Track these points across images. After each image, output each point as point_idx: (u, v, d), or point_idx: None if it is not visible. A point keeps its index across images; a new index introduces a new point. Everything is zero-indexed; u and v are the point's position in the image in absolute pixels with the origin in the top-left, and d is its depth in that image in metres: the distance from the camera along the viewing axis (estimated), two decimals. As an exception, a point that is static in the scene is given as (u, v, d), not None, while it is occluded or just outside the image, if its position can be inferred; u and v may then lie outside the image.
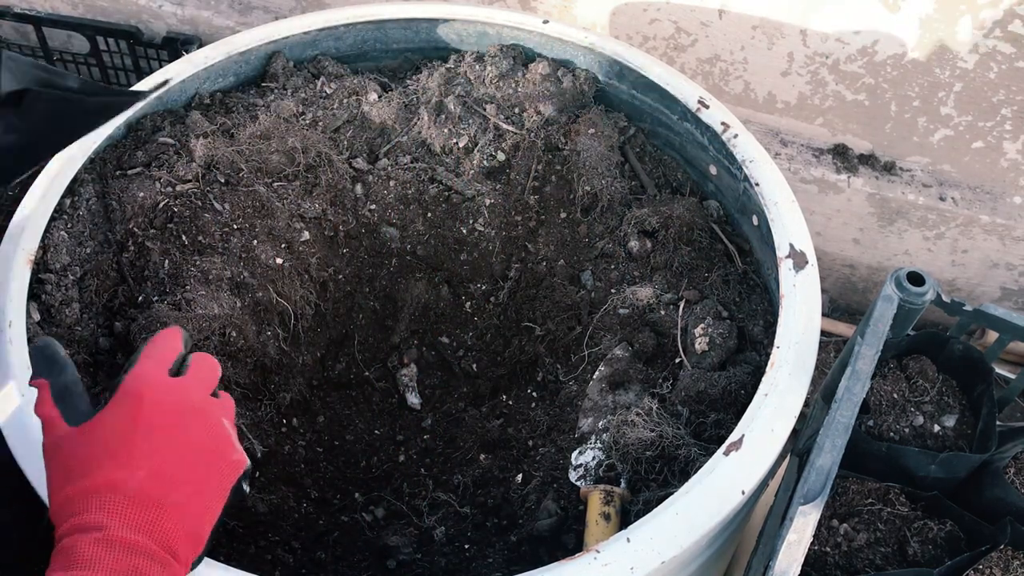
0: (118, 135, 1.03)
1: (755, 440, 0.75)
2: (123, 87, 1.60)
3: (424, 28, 1.21)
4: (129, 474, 0.59)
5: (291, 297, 1.06)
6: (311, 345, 1.11)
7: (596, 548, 0.69)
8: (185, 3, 1.64)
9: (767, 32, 1.39)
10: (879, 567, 0.80)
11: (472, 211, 1.15)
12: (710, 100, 1.05)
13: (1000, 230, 1.48)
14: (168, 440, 0.61)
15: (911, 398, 0.88)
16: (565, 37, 1.15)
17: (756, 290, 0.99)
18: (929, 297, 0.84)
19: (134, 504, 0.58)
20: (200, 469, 0.62)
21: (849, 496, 0.85)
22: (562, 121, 1.13)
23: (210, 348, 0.93)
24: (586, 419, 0.91)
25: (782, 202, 0.94)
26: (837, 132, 1.50)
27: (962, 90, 1.35)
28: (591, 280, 1.07)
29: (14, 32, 1.75)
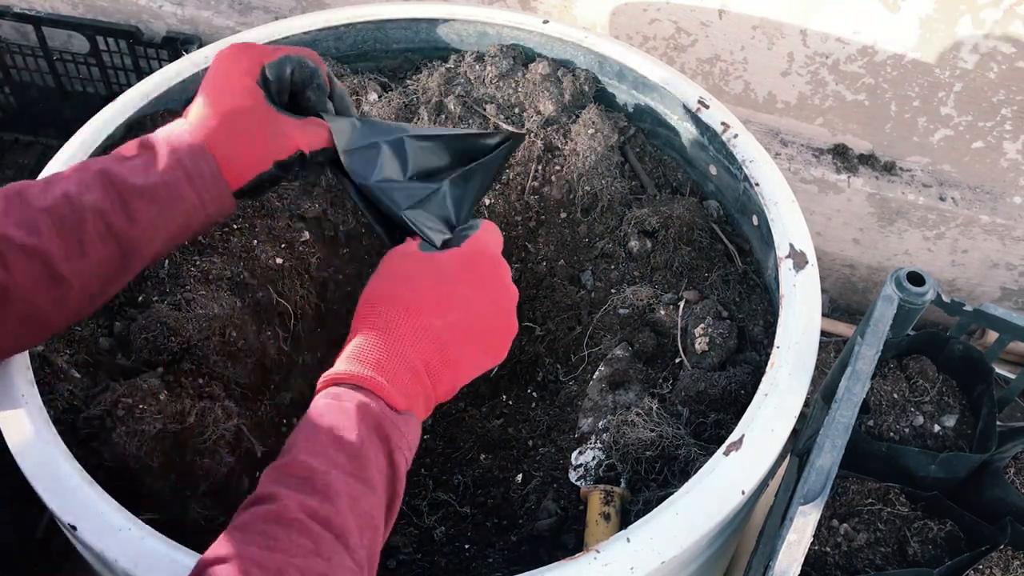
0: (118, 135, 1.03)
1: (755, 440, 0.75)
2: (122, 87, 1.60)
3: (424, 28, 1.21)
4: (440, 313, 0.66)
5: (291, 297, 1.06)
6: (311, 345, 1.11)
7: (596, 548, 0.69)
8: (185, 3, 1.65)
9: (767, 32, 1.39)
10: (879, 567, 0.80)
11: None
12: (710, 100, 1.05)
13: (1000, 230, 1.48)
14: (482, 310, 0.68)
15: (911, 398, 0.88)
16: (565, 37, 1.15)
17: (756, 290, 0.99)
18: (929, 297, 0.84)
19: (430, 338, 0.65)
20: (489, 340, 0.69)
21: (849, 496, 0.85)
22: (562, 121, 1.13)
23: (210, 348, 0.93)
24: (586, 419, 0.91)
25: (782, 202, 0.94)
26: (837, 132, 1.50)
27: (962, 90, 1.35)
28: (591, 280, 1.07)
29: (14, 32, 1.75)
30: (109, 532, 0.68)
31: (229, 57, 0.76)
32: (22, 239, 0.65)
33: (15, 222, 0.65)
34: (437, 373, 0.67)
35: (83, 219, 0.67)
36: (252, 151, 0.74)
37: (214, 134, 0.73)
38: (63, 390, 0.82)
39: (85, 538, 0.68)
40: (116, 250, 0.69)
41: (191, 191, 0.72)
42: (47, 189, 0.68)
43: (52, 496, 0.70)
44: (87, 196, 0.68)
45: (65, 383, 0.82)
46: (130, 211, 0.69)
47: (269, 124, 0.75)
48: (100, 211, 0.68)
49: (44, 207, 0.66)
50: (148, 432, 0.79)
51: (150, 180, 0.70)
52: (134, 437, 0.79)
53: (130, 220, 0.69)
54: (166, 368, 0.89)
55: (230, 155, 0.73)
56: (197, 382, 0.91)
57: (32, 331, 0.69)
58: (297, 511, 0.56)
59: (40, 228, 0.66)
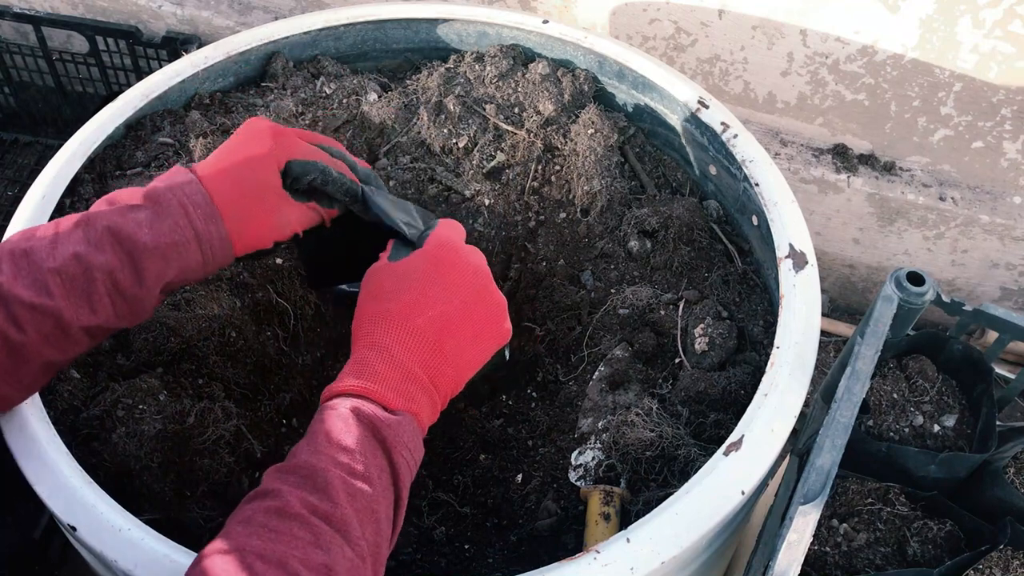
0: (118, 135, 1.03)
1: (755, 440, 0.75)
2: (122, 87, 1.60)
3: (424, 28, 1.21)
4: (419, 312, 0.70)
5: (291, 297, 1.06)
6: (311, 345, 1.11)
7: (596, 548, 0.69)
8: (185, 3, 1.65)
9: (767, 32, 1.39)
10: (879, 567, 0.80)
11: (472, 211, 1.15)
12: (710, 100, 1.05)
13: (1000, 230, 1.48)
14: (458, 296, 0.72)
15: (911, 398, 0.88)
16: (565, 37, 1.15)
17: (756, 290, 0.99)
18: (929, 297, 0.84)
19: (416, 338, 0.69)
20: (476, 321, 0.73)
21: (849, 496, 0.85)
22: (562, 121, 1.13)
23: (210, 348, 0.93)
24: (586, 419, 0.91)
25: (782, 202, 0.94)
26: (837, 132, 1.50)
27: (962, 90, 1.35)
28: (591, 280, 1.07)
29: (13, 32, 1.75)
30: (109, 532, 0.68)
31: (265, 138, 0.78)
32: (32, 300, 0.66)
33: (25, 284, 0.67)
34: (435, 367, 0.70)
35: (93, 279, 0.69)
36: (259, 231, 0.77)
37: (228, 207, 0.75)
38: (63, 390, 0.82)
39: (85, 539, 0.68)
40: (124, 306, 0.71)
41: (198, 251, 0.74)
42: (55, 248, 0.69)
43: (52, 496, 0.70)
44: (97, 257, 0.69)
45: (65, 383, 0.82)
46: (139, 270, 0.71)
47: (279, 210, 0.78)
48: (109, 271, 0.69)
49: (53, 267, 0.68)
50: (148, 432, 0.79)
51: (160, 239, 0.71)
52: (134, 437, 0.79)
53: (138, 280, 0.71)
54: (166, 368, 0.89)
55: (240, 229, 0.76)
56: (197, 382, 0.91)
57: (47, 376, 0.72)
58: (298, 506, 0.58)
59: (51, 289, 0.67)
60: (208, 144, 1.02)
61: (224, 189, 0.75)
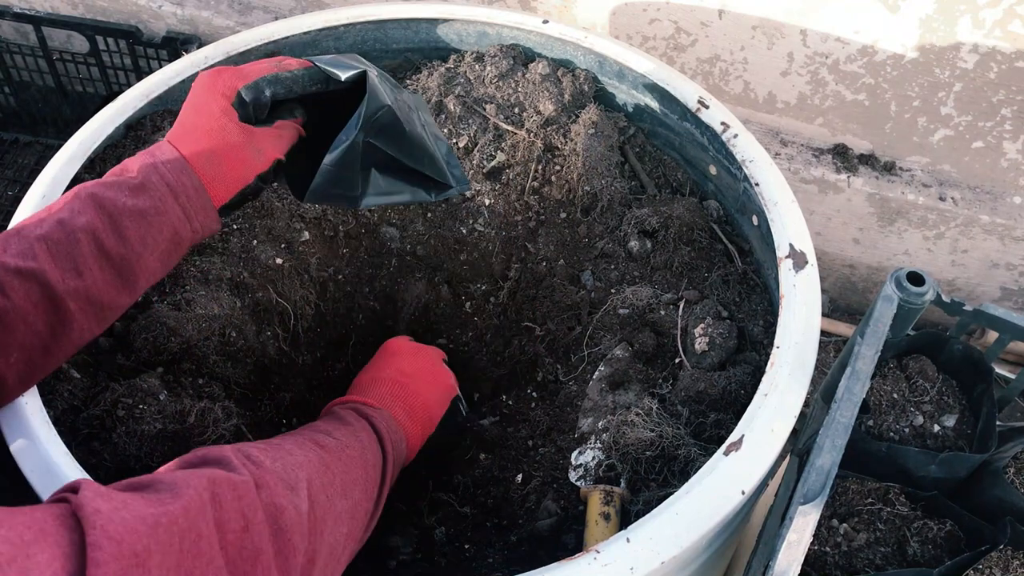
0: (118, 135, 1.03)
1: (755, 440, 0.75)
2: (122, 87, 1.60)
3: (424, 28, 1.21)
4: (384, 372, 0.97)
5: (291, 297, 1.06)
6: (311, 345, 1.11)
7: (596, 548, 0.69)
8: (185, 3, 1.65)
9: (767, 32, 1.39)
10: (879, 567, 0.80)
11: (472, 211, 1.15)
12: (710, 100, 1.05)
13: (1000, 230, 1.48)
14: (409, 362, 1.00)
15: (911, 398, 0.88)
16: (565, 37, 1.15)
17: (756, 290, 0.99)
18: (929, 297, 0.84)
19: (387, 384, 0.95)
20: (428, 377, 0.99)
21: (849, 496, 0.85)
22: (562, 121, 1.13)
23: (210, 348, 0.93)
24: (586, 419, 0.91)
25: (782, 202, 0.94)
26: (837, 132, 1.50)
27: (962, 90, 1.35)
28: (591, 280, 1.07)
29: (14, 32, 1.75)
30: (109, 532, 0.68)
31: (205, 82, 0.80)
32: (17, 264, 0.67)
33: (13, 253, 0.68)
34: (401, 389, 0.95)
35: (76, 240, 0.70)
36: (232, 170, 0.79)
37: (195, 155, 0.77)
38: (63, 390, 0.82)
39: (85, 538, 0.68)
40: (111, 269, 0.72)
41: (176, 205, 0.76)
42: (43, 220, 0.71)
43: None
44: (78, 219, 0.71)
45: (65, 383, 0.82)
46: (120, 230, 0.72)
47: (245, 143, 0.79)
48: (91, 231, 0.71)
49: (39, 235, 0.69)
50: (148, 432, 0.79)
51: (138, 199, 0.73)
52: (134, 437, 0.79)
53: (121, 239, 0.72)
54: (166, 368, 0.89)
55: (213, 175, 0.78)
56: (197, 382, 0.91)
57: (36, 361, 0.71)
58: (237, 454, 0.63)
59: (36, 253, 0.68)
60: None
61: (188, 143, 0.78)
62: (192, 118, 0.79)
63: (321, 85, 0.83)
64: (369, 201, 0.86)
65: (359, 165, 0.83)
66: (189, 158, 0.77)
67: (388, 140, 0.83)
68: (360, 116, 0.80)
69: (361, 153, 0.82)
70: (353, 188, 0.84)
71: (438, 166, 0.89)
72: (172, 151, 0.77)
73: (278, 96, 0.81)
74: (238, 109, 0.79)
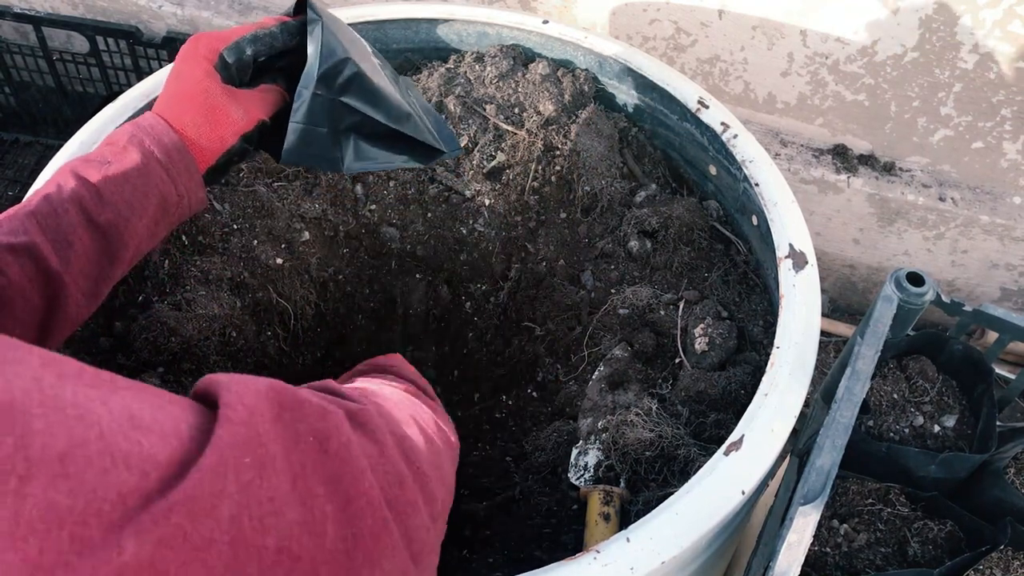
0: (118, 135, 1.03)
1: (755, 440, 0.75)
2: (122, 87, 1.60)
3: (424, 28, 1.21)
4: None
5: (291, 297, 1.06)
6: (311, 345, 1.11)
7: (596, 548, 0.69)
8: (185, 3, 1.65)
9: (767, 32, 1.39)
10: (879, 567, 0.80)
11: (472, 211, 1.15)
12: (710, 100, 1.05)
13: (1000, 230, 1.48)
14: None
15: (911, 398, 0.88)
16: (565, 37, 1.15)
17: (756, 290, 0.99)
18: (929, 297, 0.84)
19: None
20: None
21: (849, 496, 0.85)
22: (562, 121, 1.13)
23: (210, 348, 0.93)
24: (585, 419, 0.91)
25: (782, 202, 0.94)
26: (837, 132, 1.50)
27: (962, 90, 1.35)
28: (591, 280, 1.07)
29: (14, 32, 1.75)
30: (109, 532, 0.68)
31: (187, 48, 0.81)
32: (10, 240, 0.68)
33: (5, 231, 0.69)
34: None
35: (64, 211, 0.70)
36: (214, 130, 0.79)
37: (177, 118, 0.78)
38: (63, 390, 0.81)
39: (85, 538, 0.68)
40: (100, 238, 0.73)
41: (159, 168, 0.76)
42: (30, 199, 0.72)
43: (52, 496, 0.70)
44: (64, 191, 0.71)
45: (65, 383, 0.82)
46: (103, 196, 0.72)
47: (227, 103, 0.79)
48: (76, 200, 0.71)
49: (28, 211, 0.70)
50: (148, 432, 0.79)
51: (121, 163, 0.74)
52: (134, 437, 0.79)
53: (103, 203, 0.72)
54: (166, 368, 0.89)
55: (195, 136, 0.78)
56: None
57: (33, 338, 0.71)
58: None
59: (27, 228, 0.69)
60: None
61: (170, 106, 0.78)
62: (174, 85, 0.79)
63: (300, 38, 0.82)
64: (354, 166, 0.84)
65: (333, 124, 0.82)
66: (171, 121, 0.77)
67: (362, 99, 0.82)
68: (314, 67, 0.79)
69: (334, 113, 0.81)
70: (329, 150, 0.83)
71: (422, 128, 0.87)
72: (154, 117, 0.77)
73: (260, 55, 0.81)
74: (221, 72, 0.79)
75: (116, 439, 0.36)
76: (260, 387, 0.45)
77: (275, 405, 0.45)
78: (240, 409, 0.42)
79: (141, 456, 0.36)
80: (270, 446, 0.42)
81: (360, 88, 0.81)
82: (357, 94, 0.81)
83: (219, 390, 0.44)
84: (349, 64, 0.80)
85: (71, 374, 0.38)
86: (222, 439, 0.40)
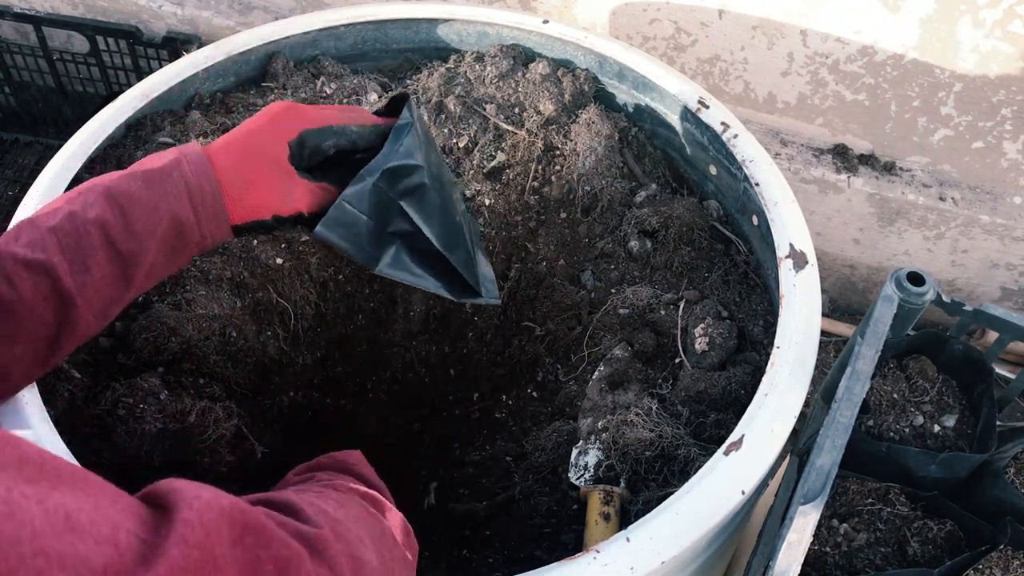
0: (118, 135, 1.03)
1: (755, 440, 0.75)
2: (122, 87, 1.60)
3: (424, 28, 1.21)
4: None
5: (291, 297, 1.06)
6: (311, 345, 1.11)
7: (596, 548, 0.69)
8: (185, 3, 1.65)
9: (767, 32, 1.39)
10: (879, 567, 0.80)
11: (472, 211, 1.15)
12: (710, 100, 1.05)
13: (1000, 230, 1.48)
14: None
15: (911, 398, 0.88)
16: (565, 37, 1.15)
17: (756, 290, 0.99)
18: (929, 297, 0.84)
19: None
20: None
21: (849, 496, 0.85)
22: (562, 121, 1.13)
23: (210, 348, 0.93)
24: (585, 419, 0.91)
25: (782, 202, 0.94)
26: (837, 132, 1.50)
27: (962, 90, 1.35)
28: (591, 280, 1.07)
29: (14, 32, 1.75)
30: (109, 532, 0.68)
31: (275, 110, 0.80)
32: (26, 256, 0.66)
33: (23, 243, 0.67)
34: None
35: (86, 233, 0.69)
36: (254, 199, 0.77)
37: (226, 168, 0.76)
38: (63, 389, 0.82)
39: (85, 538, 0.68)
40: (119, 264, 0.71)
41: (189, 205, 0.74)
42: (56, 211, 0.70)
43: (52, 496, 0.70)
44: (90, 212, 0.70)
45: (65, 382, 0.82)
46: (130, 224, 0.71)
47: (280, 181, 0.78)
48: (102, 224, 0.70)
49: (51, 226, 0.68)
50: (149, 431, 0.79)
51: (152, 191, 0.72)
52: (135, 436, 0.79)
53: (131, 234, 0.71)
54: (167, 368, 0.89)
55: (236, 195, 0.76)
56: (198, 382, 0.91)
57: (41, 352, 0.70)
58: None
59: (46, 245, 0.67)
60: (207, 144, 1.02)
61: (224, 155, 0.76)
62: (244, 135, 0.78)
63: (383, 140, 0.81)
64: (386, 270, 0.83)
65: (381, 220, 0.80)
66: (218, 167, 0.75)
67: (419, 210, 0.80)
68: (385, 160, 0.78)
69: (386, 210, 0.79)
70: (367, 242, 0.81)
71: (471, 265, 0.85)
72: (200, 153, 0.75)
73: (340, 148, 0.80)
74: (294, 148, 0.78)
75: (49, 540, 0.35)
76: (224, 504, 0.44)
77: (237, 527, 0.44)
78: (198, 529, 0.41)
79: (76, 558, 0.35)
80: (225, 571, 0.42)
81: (421, 199, 0.80)
82: (416, 204, 0.80)
83: (179, 503, 0.42)
84: (420, 172, 0.78)
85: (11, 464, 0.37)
86: (173, 559, 0.39)
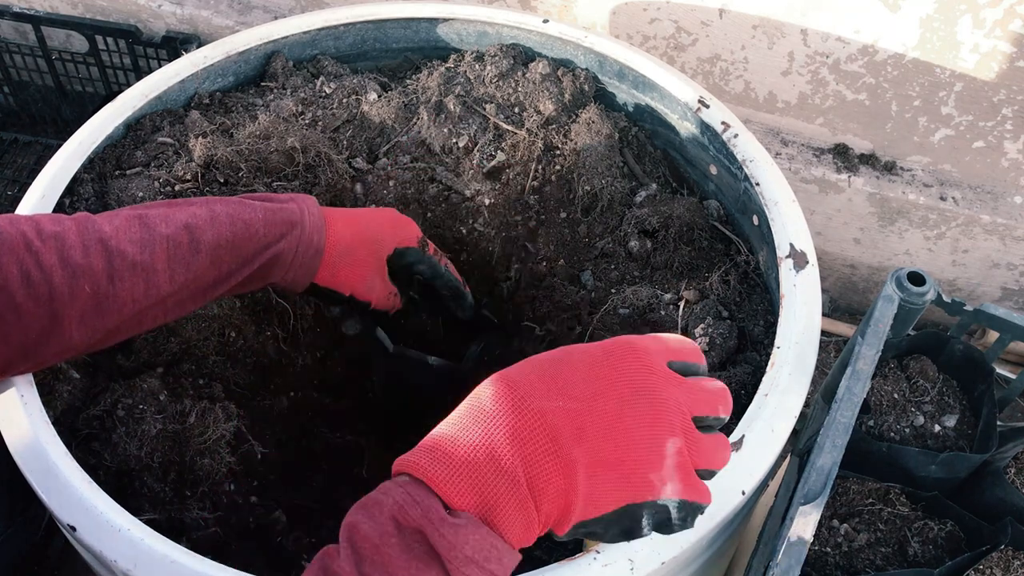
0: (117, 135, 1.03)
1: (755, 440, 0.75)
2: (122, 87, 1.60)
3: (424, 28, 1.20)
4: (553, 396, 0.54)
5: (291, 297, 1.06)
6: (311, 345, 1.11)
7: (596, 548, 0.68)
8: (184, 2, 1.64)
9: (767, 32, 1.39)
10: (879, 567, 0.80)
11: (472, 211, 1.15)
12: (710, 100, 1.05)
13: (1001, 230, 1.48)
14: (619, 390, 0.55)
15: (911, 398, 0.88)
16: (565, 37, 1.15)
17: (756, 290, 0.99)
18: (929, 297, 0.84)
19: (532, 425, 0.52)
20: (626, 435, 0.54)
21: (849, 496, 0.85)
22: (562, 121, 1.13)
23: (210, 348, 0.93)
24: (586, 419, 0.91)
25: (782, 202, 0.93)
26: (838, 132, 1.50)
27: (963, 90, 1.35)
28: (591, 280, 1.07)
29: (13, 31, 1.75)
30: (109, 532, 0.68)
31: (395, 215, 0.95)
32: (135, 256, 0.71)
33: (133, 240, 0.72)
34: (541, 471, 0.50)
35: (197, 251, 0.74)
36: (346, 274, 0.86)
37: (337, 242, 0.85)
38: (63, 390, 0.82)
39: (84, 538, 0.68)
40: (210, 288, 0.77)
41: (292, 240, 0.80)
42: (170, 216, 0.74)
43: (52, 496, 0.70)
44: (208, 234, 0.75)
45: (65, 383, 0.82)
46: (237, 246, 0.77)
47: (372, 272, 0.89)
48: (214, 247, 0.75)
49: (165, 234, 0.73)
50: (148, 432, 0.79)
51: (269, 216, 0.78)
52: (134, 437, 0.79)
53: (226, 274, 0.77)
54: (166, 368, 0.89)
55: (334, 262, 0.85)
56: (197, 382, 0.91)
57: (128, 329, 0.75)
58: None
59: (156, 251, 0.72)
60: (208, 144, 1.02)
61: (343, 226, 0.85)
62: (368, 219, 0.88)
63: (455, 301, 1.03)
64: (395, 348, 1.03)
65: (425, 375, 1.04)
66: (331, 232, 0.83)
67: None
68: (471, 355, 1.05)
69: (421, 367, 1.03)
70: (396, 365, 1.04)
71: None
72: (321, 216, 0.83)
73: (423, 276, 0.95)
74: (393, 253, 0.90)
75: None
76: None
77: None
78: None
79: None
80: None
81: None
82: None
83: None
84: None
85: None
86: None
